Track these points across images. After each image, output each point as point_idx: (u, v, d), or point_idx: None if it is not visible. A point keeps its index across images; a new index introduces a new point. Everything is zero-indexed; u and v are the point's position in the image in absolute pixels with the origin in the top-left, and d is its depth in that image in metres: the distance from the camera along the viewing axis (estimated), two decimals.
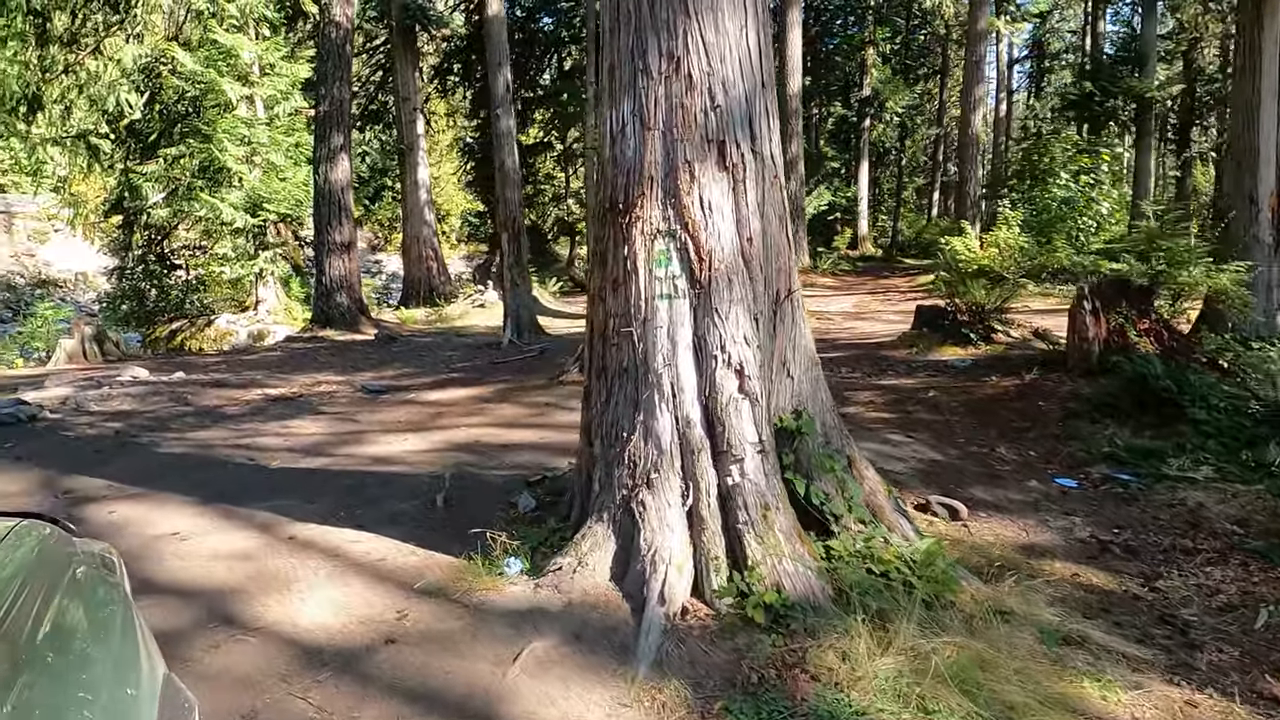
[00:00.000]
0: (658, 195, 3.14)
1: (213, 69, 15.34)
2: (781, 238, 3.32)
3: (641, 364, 3.15)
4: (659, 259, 3.13)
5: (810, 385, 3.39)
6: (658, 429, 3.09)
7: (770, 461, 3.06)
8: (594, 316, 3.43)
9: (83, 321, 11.31)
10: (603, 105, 3.39)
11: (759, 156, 3.22)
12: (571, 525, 3.61)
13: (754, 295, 3.18)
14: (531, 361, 9.61)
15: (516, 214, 10.69)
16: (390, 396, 7.95)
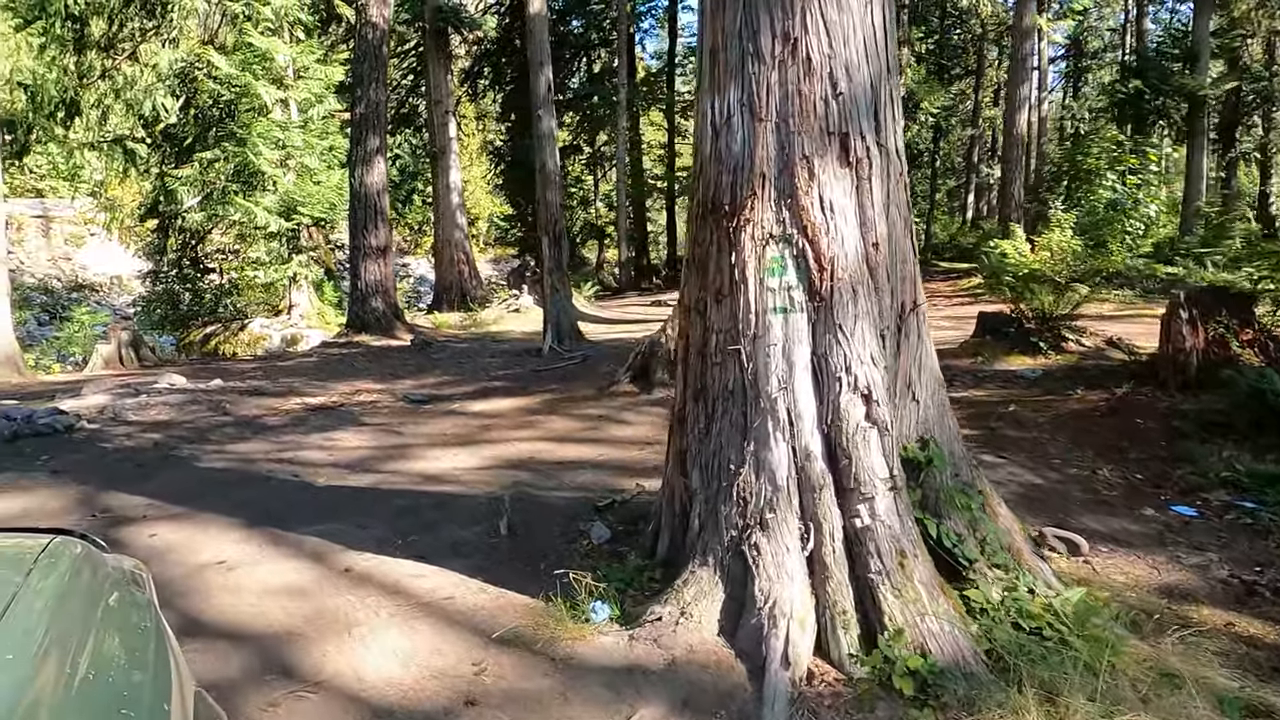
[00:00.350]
0: (770, 195, 2.75)
1: (248, 72, 15.21)
2: (907, 242, 2.92)
3: (751, 386, 2.76)
4: (772, 267, 2.74)
5: (937, 410, 2.98)
6: (771, 461, 2.69)
7: (904, 500, 2.66)
8: (690, 331, 3.05)
9: (119, 327, 11.14)
10: (701, 94, 3.01)
11: (884, 151, 2.82)
12: (658, 562, 3.23)
13: (879, 308, 2.78)
14: (575, 369, 9.25)
15: (558, 217, 10.34)
16: (433, 407, 7.62)
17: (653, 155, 28.12)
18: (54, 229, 31.92)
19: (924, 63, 28.96)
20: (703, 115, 2.98)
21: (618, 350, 10.53)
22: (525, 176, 24.68)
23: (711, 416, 2.89)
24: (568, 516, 4.28)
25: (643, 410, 6.77)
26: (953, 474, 2.96)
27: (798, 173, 2.72)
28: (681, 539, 3.06)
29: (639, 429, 6.30)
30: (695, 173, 3.07)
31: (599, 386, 7.65)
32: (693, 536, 2.91)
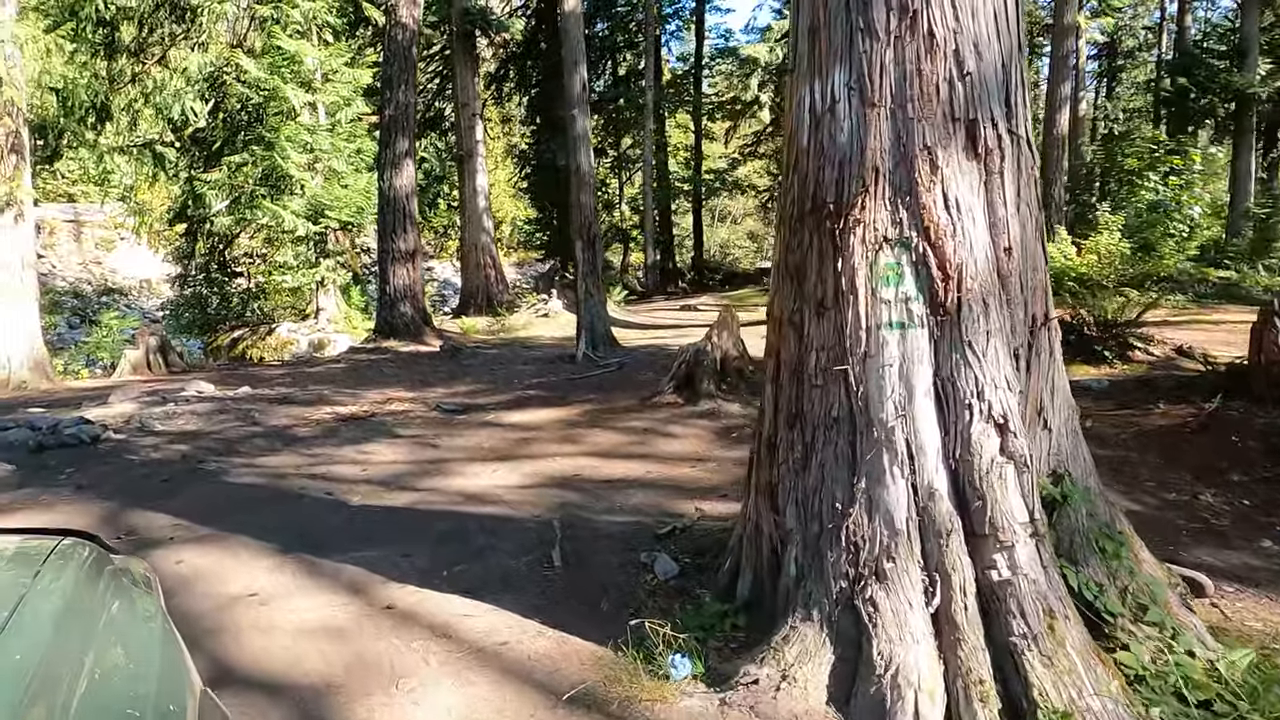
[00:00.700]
0: (884, 192, 2.37)
1: (276, 75, 15.03)
2: (1038, 245, 2.52)
3: (861, 413, 2.38)
4: (886, 276, 2.36)
5: (1071, 439, 2.58)
6: (888, 501, 2.31)
7: (1047, 549, 2.26)
8: (782, 347, 2.67)
9: (147, 332, 10.94)
10: (796, 77, 2.63)
11: (1016, 139, 2.43)
12: (739, 606, 2.85)
13: (1012, 323, 2.39)
14: (611, 377, 8.89)
15: (592, 220, 10.00)
16: (468, 417, 7.30)
17: (679, 158, 27.75)
18: (85, 233, 32.17)
19: None
20: (799, 103, 2.60)
21: (653, 357, 10.16)
22: (550, 180, 24.44)
23: (811, 446, 2.51)
24: (624, 545, 3.91)
25: (689, 423, 6.40)
26: (1088, 513, 2.55)
27: (918, 166, 2.34)
28: (771, 583, 2.68)
29: (687, 443, 5.92)
30: (787, 168, 2.69)
31: (641, 397, 7.28)
32: (788, 583, 2.53)
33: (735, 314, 7.35)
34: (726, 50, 24.51)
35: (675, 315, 16.17)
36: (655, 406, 6.87)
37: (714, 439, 5.99)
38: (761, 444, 2.80)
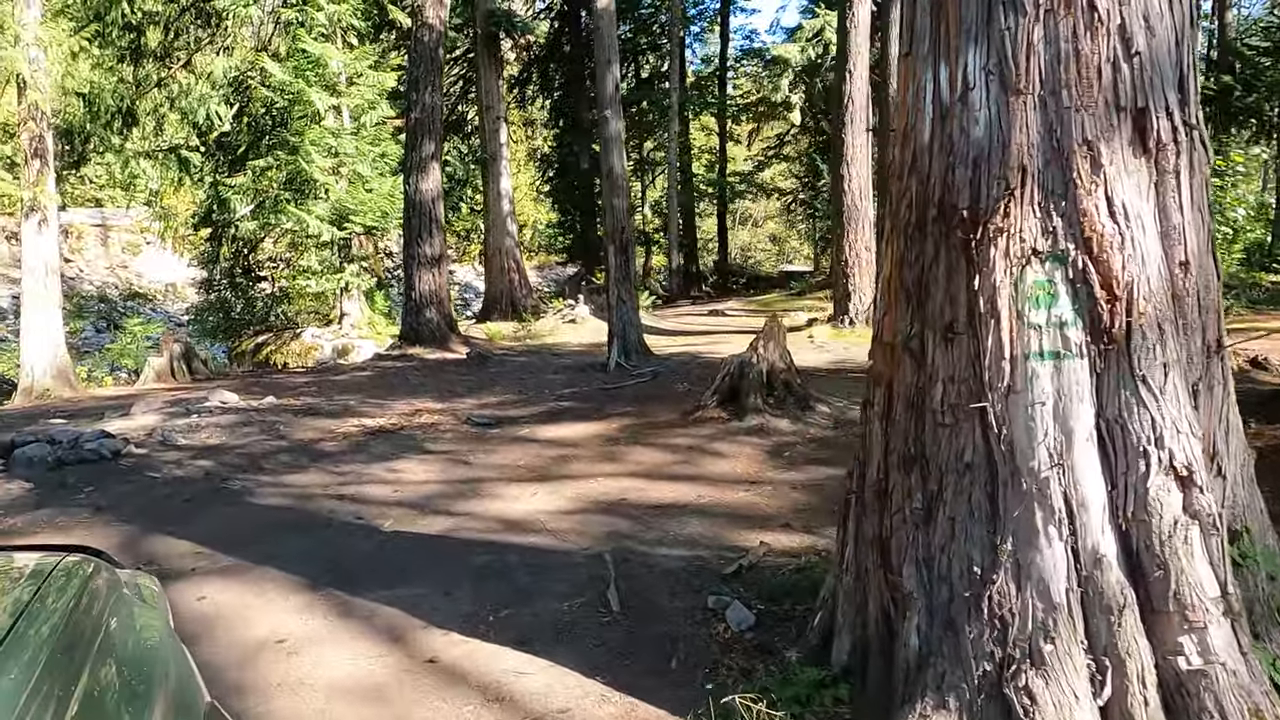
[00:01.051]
0: (1032, 195, 1.98)
1: (301, 79, 14.81)
2: (1209, 259, 2.11)
3: (1005, 460, 1.98)
4: (1036, 295, 1.96)
5: (1247, 488, 2.17)
6: (1042, 567, 1.91)
7: (1244, 632, 1.85)
8: (896, 377, 2.28)
9: (171, 339, 10.72)
10: (914, 61, 2.24)
11: (1191, 132, 2.02)
12: (838, 673, 2.45)
13: (1189, 352, 1.98)
14: (646, 388, 8.52)
15: (624, 224, 9.64)
16: (500, 431, 6.95)
17: (702, 161, 27.36)
18: (112, 237, 32.33)
19: None
20: (917, 91, 2.21)
21: (687, 366, 9.78)
22: (573, 183, 24.16)
23: (936, 496, 2.11)
24: (686, 585, 3.53)
25: (737, 440, 6.00)
26: (1269, 575, 2.14)
27: (1075, 164, 1.94)
28: (881, 652, 2.28)
29: (737, 463, 5.53)
30: (900, 168, 2.30)
31: (682, 411, 6.89)
32: (909, 656, 2.13)
33: (781, 324, 6.95)
34: (752, 51, 24.12)
35: (703, 321, 15.78)
36: (699, 422, 6.48)
37: (765, 459, 5.59)
38: (865, 487, 2.40)
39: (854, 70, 11.79)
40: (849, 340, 11.49)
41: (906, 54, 2.28)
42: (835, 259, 12.40)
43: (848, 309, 12.09)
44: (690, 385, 8.48)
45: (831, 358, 10.22)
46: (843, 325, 12.06)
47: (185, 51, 16.61)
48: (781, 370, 6.63)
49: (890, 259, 2.33)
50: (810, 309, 16.03)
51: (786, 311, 17.01)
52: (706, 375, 9.06)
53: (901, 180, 2.28)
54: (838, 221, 12.18)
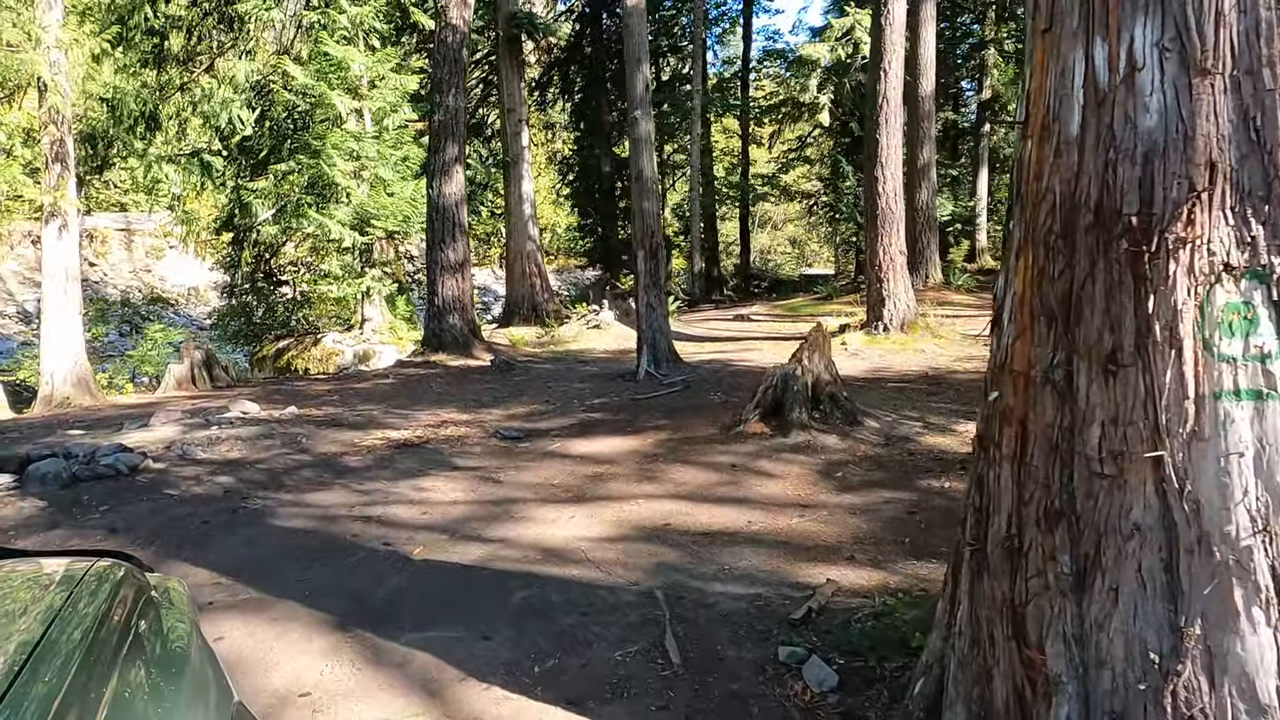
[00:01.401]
0: (1224, 198, 1.61)
1: (323, 82, 14.62)
2: None
3: (1189, 522, 1.61)
4: (1229, 321, 1.59)
5: None
6: (1243, 659, 1.54)
7: None
8: (1031, 414, 1.91)
9: (192, 346, 10.50)
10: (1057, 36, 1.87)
11: None
12: None
13: None
14: (678, 399, 8.16)
15: (655, 227, 9.29)
16: (530, 445, 6.62)
17: (724, 163, 26.97)
18: (136, 241, 32.46)
19: (1011, 62, 27.21)
20: (1062, 73, 1.84)
21: (719, 375, 9.41)
22: (594, 186, 23.87)
23: (1092, 561, 1.74)
24: (750, 630, 3.17)
25: (783, 459, 5.63)
26: None
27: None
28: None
29: (786, 485, 5.16)
30: (1038, 165, 1.93)
31: (721, 425, 6.53)
32: None
33: (825, 333, 6.57)
34: (775, 52, 23.73)
35: (730, 326, 15.40)
36: (740, 437, 6.11)
37: (816, 479, 5.22)
38: (990, 541, 2.03)
39: (889, 69, 11.38)
40: (884, 347, 11.08)
41: (1045, 29, 1.91)
42: (868, 263, 11.99)
43: (882, 315, 11.66)
44: (725, 396, 8.11)
45: (868, 366, 9.81)
46: (877, 331, 11.64)
47: (208, 55, 16.47)
48: (827, 383, 6.25)
49: (1022, 273, 1.96)
50: (839, 314, 15.60)
51: (813, 316, 16.59)
52: (740, 385, 8.69)
53: (1040, 181, 1.91)
54: (870, 225, 11.77)
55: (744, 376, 9.31)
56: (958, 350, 11.10)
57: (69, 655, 1.02)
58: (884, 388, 8.28)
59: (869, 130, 11.80)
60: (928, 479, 5.11)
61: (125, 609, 1.25)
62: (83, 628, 1.12)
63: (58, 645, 1.04)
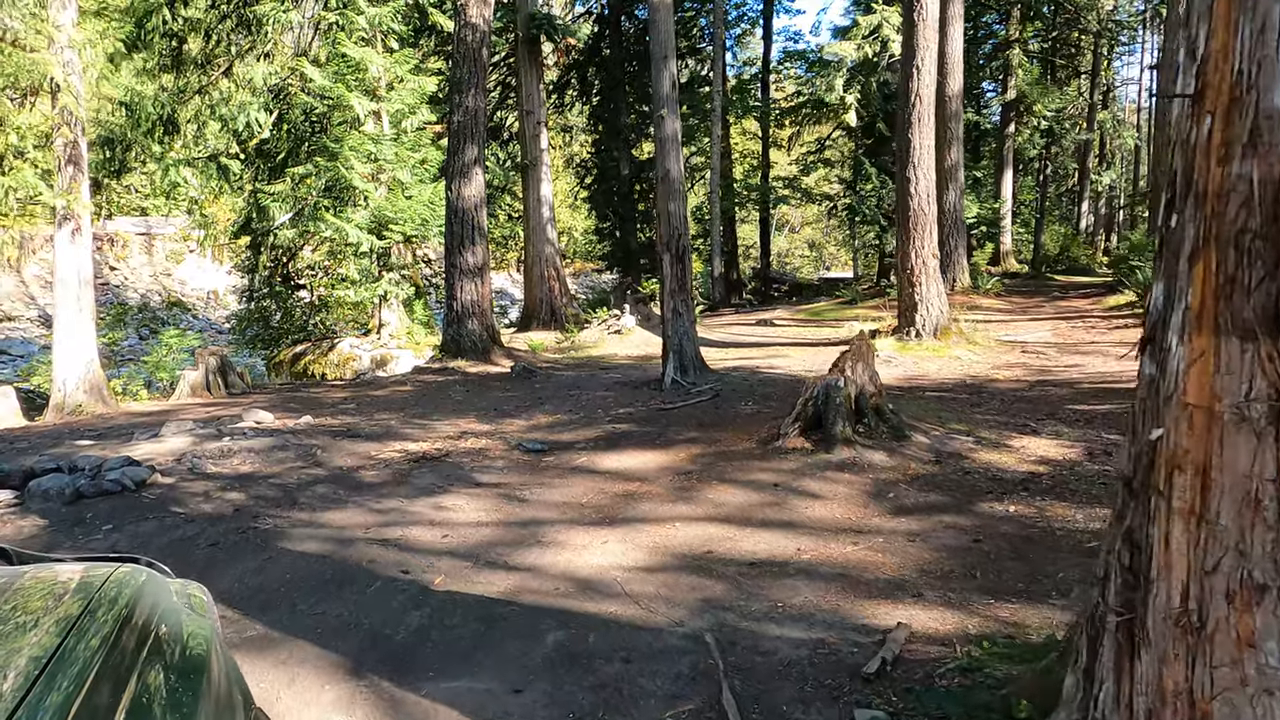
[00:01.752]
0: None
1: (341, 83, 14.37)
2: None
3: None
4: None
5: None
6: None
7: None
8: (1225, 461, 1.51)
9: (207, 352, 10.24)
10: None
11: None
12: None
13: None
14: (708, 409, 7.77)
15: (682, 231, 8.91)
16: (555, 459, 6.25)
17: (744, 165, 26.55)
18: (156, 245, 32.50)
19: (1035, 62, 26.64)
20: (1259, 28, 1.45)
21: (749, 384, 9.01)
22: (612, 189, 23.53)
23: None
24: (818, 685, 2.78)
25: (828, 477, 5.23)
26: None
27: None
28: None
29: (834, 507, 4.76)
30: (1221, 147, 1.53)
31: (758, 439, 6.13)
32: None
33: (870, 341, 6.17)
34: (796, 53, 23.30)
35: (753, 331, 14.98)
36: (780, 453, 5.71)
37: (866, 501, 4.82)
38: (1150, 612, 1.63)
39: (921, 66, 10.95)
40: (917, 354, 10.64)
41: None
42: (899, 267, 11.55)
43: (914, 320, 11.22)
44: (757, 406, 7.72)
45: (903, 373, 9.39)
46: (909, 337, 11.20)
47: (226, 59, 16.29)
48: (871, 394, 5.85)
49: (1200, 281, 1.56)
50: (864, 319, 15.16)
51: (839, 321, 16.16)
52: (771, 394, 8.30)
53: (1227, 166, 1.51)
54: (902, 227, 11.33)
55: (774, 385, 8.91)
56: (994, 357, 10.65)
57: (87, 662, 1.03)
58: (923, 397, 7.86)
59: (899, 130, 11.37)
60: (988, 502, 4.70)
61: (145, 615, 1.25)
62: (102, 634, 1.13)
63: (75, 652, 1.05)
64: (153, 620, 1.26)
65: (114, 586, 1.30)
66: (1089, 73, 29.93)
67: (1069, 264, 27.38)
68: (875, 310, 16.84)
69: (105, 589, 1.28)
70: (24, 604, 1.23)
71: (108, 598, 1.25)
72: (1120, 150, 36.78)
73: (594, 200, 23.98)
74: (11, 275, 29.67)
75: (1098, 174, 32.00)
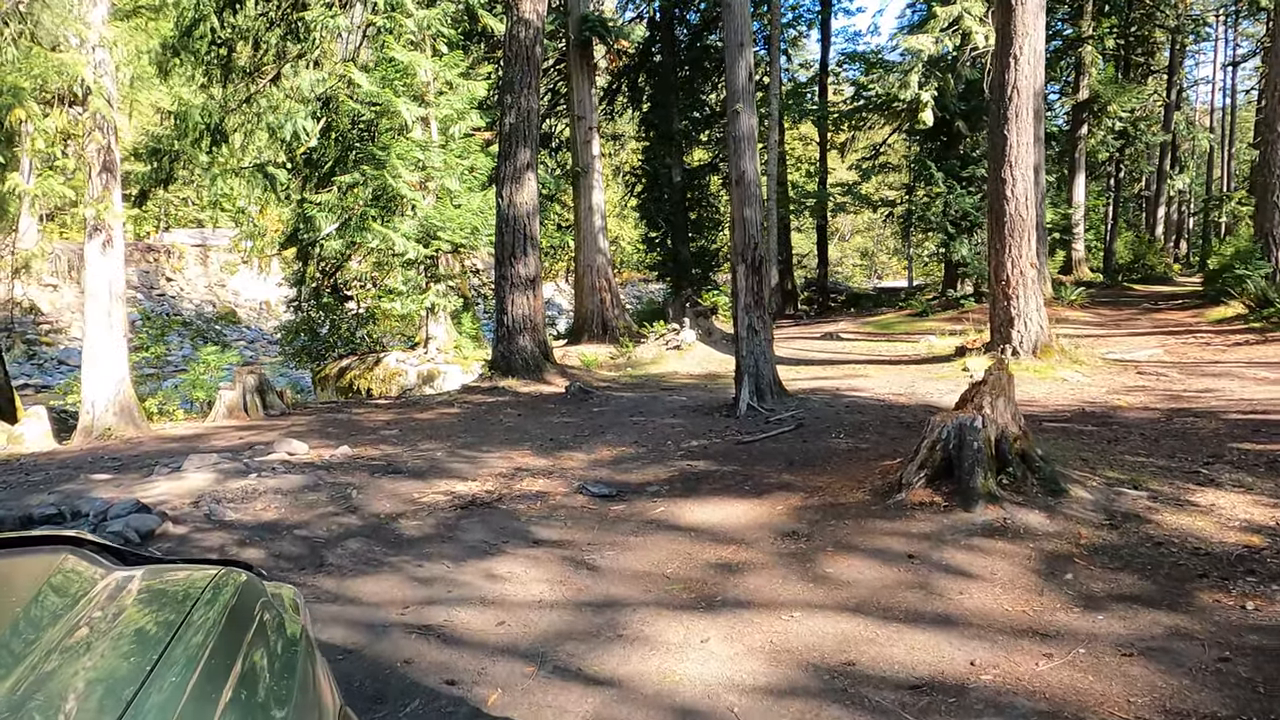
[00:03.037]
0: None
1: (388, 89, 13.67)
2: None
3: None
4: None
5: None
6: None
7: None
8: None
9: (245, 371, 9.50)
10: None
11: None
12: None
13: None
14: (794, 442, 6.67)
15: (758, 240, 7.85)
16: (626, 508, 5.23)
17: (799, 172, 25.32)
18: (211, 257, 32.60)
19: (1109, 60, 24.93)
20: None
21: (834, 410, 7.88)
22: (664, 196, 22.51)
23: None
24: None
25: (976, 546, 4.10)
26: None
27: None
28: None
29: (997, 592, 3.63)
30: None
31: (871, 488, 5.01)
32: None
33: (1009, 371, 5.02)
34: (856, 55, 22.06)
35: (820, 346, 13.80)
36: (904, 509, 4.59)
37: (1038, 584, 3.67)
38: None
39: (1019, 54, 9.72)
40: (1018, 375, 9.37)
41: None
42: (993, 278, 10.29)
43: (1010, 336, 9.96)
44: (850, 440, 6.61)
45: None
46: (1004, 355, 9.93)
47: (274, 66, 15.77)
48: (1015, 437, 4.70)
49: None
50: (940, 332, 13.86)
51: (911, 335, 14.86)
52: (864, 425, 7.17)
53: None
54: (996, 233, 10.09)
55: (863, 412, 7.77)
56: (1106, 379, 9.33)
57: (199, 645, 1.10)
58: (1043, 430, 6.63)
59: (994, 126, 10.14)
60: (1207, 591, 3.52)
61: (247, 608, 1.31)
62: (210, 622, 1.20)
63: (189, 636, 1.12)
64: (253, 614, 1.32)
65: (219, 584, 1.38)
66: (1162, 71, 28.00)
67: (1144, 272, 25.54)
68: (950, 323, 15.50)
69: (211, 585, 1.36)
70: (143, 595, 1.34)
71: (214, 592, 1.34)
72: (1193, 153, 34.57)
73: (644, 208, 23.04)
74: (73, 286, 30.01)
75: (1171, 178, 29.99)
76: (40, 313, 27.88)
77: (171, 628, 1.16)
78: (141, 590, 1.35)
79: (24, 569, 1.42)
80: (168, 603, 1.32)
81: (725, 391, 9.60)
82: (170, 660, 1.04)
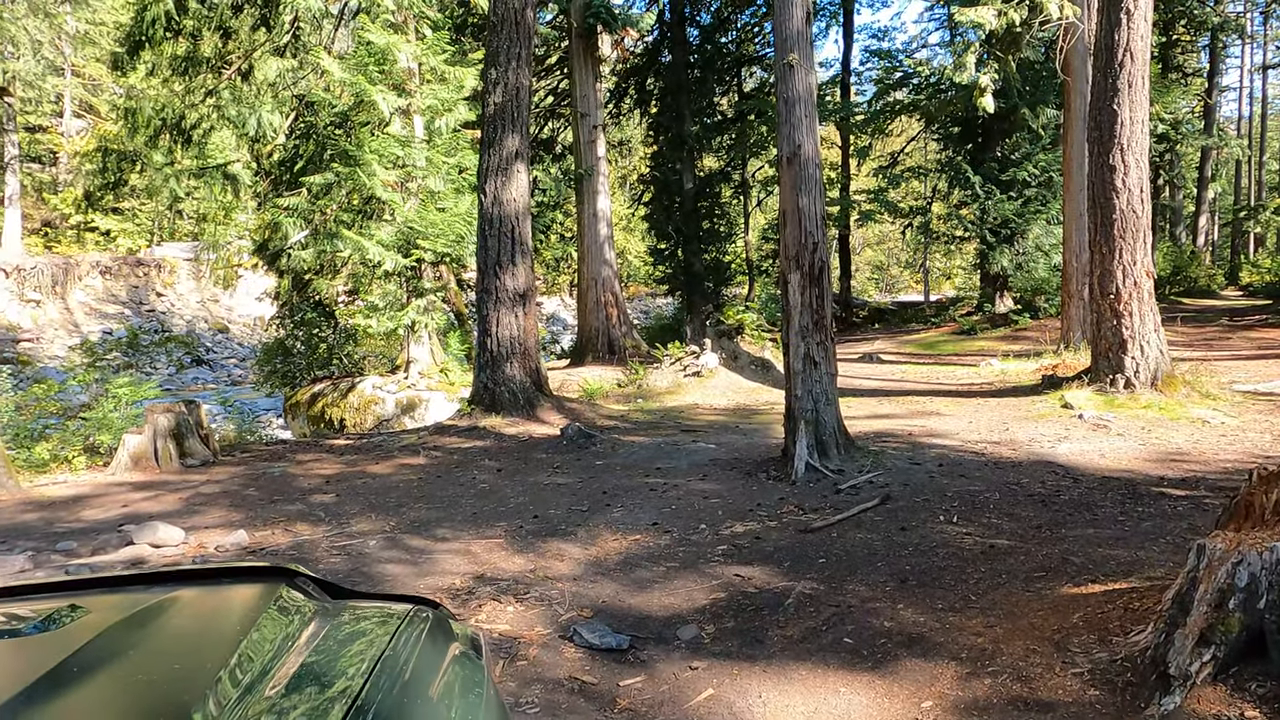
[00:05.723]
0: None
1: (362, 75, 11.53)
2: None
3: None
4: None
5: None
6: None
7: None
8: None
9: (158, 410, 7.30)
10: None
11: None
12: None
13: None
14: (888, 531, 4.39)
15: (818, 239, 5.61)
16: (644, 682, 2.96)
17: None
18: (204, 271, 30.53)
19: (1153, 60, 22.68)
20: None
21: (928, 473, 5.57)
22: (674, 204, 20.35)
23: None
24: None
25: None
26: None
27: None
28: None
29: None
30: None
31: (1093, 666, 2.70)
32: None
33: None
34: (880, 52, 19.91)
35: (865, 372, 11.50)
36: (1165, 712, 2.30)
37: None
38: None
39: (1132, 9, 7.49)
40: (1141, 416, 7.04)
41: None
42: (1097, 289, 8.00)
43: (1123, 364, 7.66)
44: (974, 529, 4.32)
45: (1143, 452, 5.87)
46: (1114, 388, 7.64)
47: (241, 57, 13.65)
48: None
49: None
50: (1001, 354, 11.57)
51: (963, 356, 12.55)
52: (977, 498, 4.87)
53: None
54: (1103, 233, 7.82)
55: (967, 476, 5.46)
56: (1257, 419, 7.00)
57: (401, 667, 1.18)
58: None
59: (1097, 99, 7.89)
60: None
61: (437, 655, 1.36)
62: (410, 648, 1.27)
63: (393, 660, 1.19)
64: (444, 660, 1.35)
65: (410, 626, 1.40)
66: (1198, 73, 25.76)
67: (1186, 285, 23.21)
68: (1004, 342, 13.20)
69: (410, 617, 1.41)
70: (352, 623, 1.40)
71: (412, 623, 1.38)
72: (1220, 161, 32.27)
73: (653, 218, 20.84)
74: (58, 302, 27.95)
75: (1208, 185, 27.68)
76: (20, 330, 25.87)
77: (384, 644, 1.25)
78: (353, 615, 1.44)
79: (249, 596, 1.51)
80: (377, 626, 1.39)
81: (765, 435, 7.31)
82: (380, 675, 1.13)
